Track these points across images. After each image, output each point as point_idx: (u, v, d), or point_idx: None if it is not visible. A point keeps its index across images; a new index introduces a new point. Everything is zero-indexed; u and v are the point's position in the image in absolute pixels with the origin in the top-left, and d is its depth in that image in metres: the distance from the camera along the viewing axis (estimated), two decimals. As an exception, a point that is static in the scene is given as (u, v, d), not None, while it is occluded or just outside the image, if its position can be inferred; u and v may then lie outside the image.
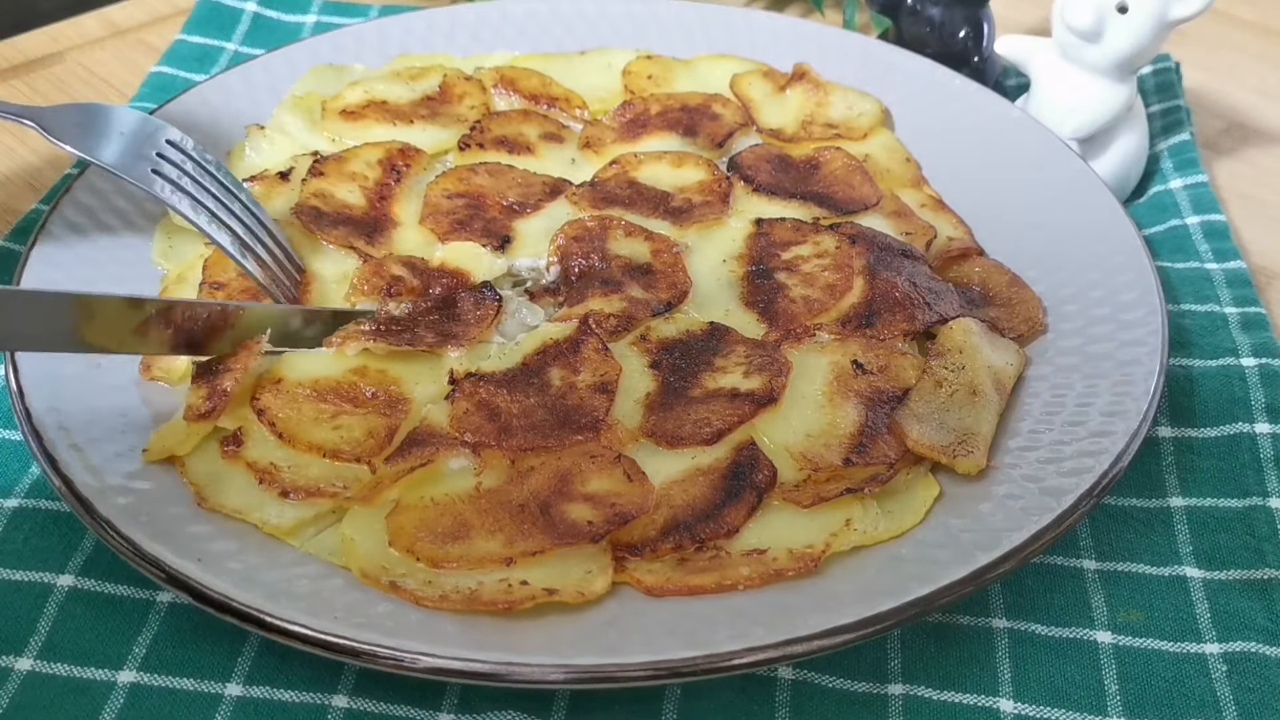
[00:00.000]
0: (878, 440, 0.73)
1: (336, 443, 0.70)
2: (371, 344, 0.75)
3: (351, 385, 0.73)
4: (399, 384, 0.74)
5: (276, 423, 0.71)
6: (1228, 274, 0.93)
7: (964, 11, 1.12)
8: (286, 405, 0.72)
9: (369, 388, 0.73)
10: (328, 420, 0.71)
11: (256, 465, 0.69)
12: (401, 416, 0.72)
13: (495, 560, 0.64)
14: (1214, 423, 0.82)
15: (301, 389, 0.73)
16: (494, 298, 0.80)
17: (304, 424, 0.71)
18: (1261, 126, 1.17)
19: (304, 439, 0.70)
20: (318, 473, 0.69)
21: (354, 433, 0.71)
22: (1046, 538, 0.66)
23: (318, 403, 0.72)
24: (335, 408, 0.72)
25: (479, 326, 0.78)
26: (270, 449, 0.70)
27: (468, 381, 0.74)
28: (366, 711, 0.64)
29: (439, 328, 0.78)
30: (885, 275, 0.82)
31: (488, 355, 0.77)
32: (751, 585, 0.65)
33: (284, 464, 0.69)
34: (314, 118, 0.98)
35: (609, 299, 0.81)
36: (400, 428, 0.71)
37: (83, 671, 0.65)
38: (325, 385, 0.73)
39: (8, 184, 1.02)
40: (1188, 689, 0.66)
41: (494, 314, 0.79)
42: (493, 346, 0.78)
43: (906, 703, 0.66)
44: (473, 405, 0.73)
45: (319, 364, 0.75)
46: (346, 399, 0.73)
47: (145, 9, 1.26)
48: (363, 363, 0.75)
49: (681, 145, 0.98)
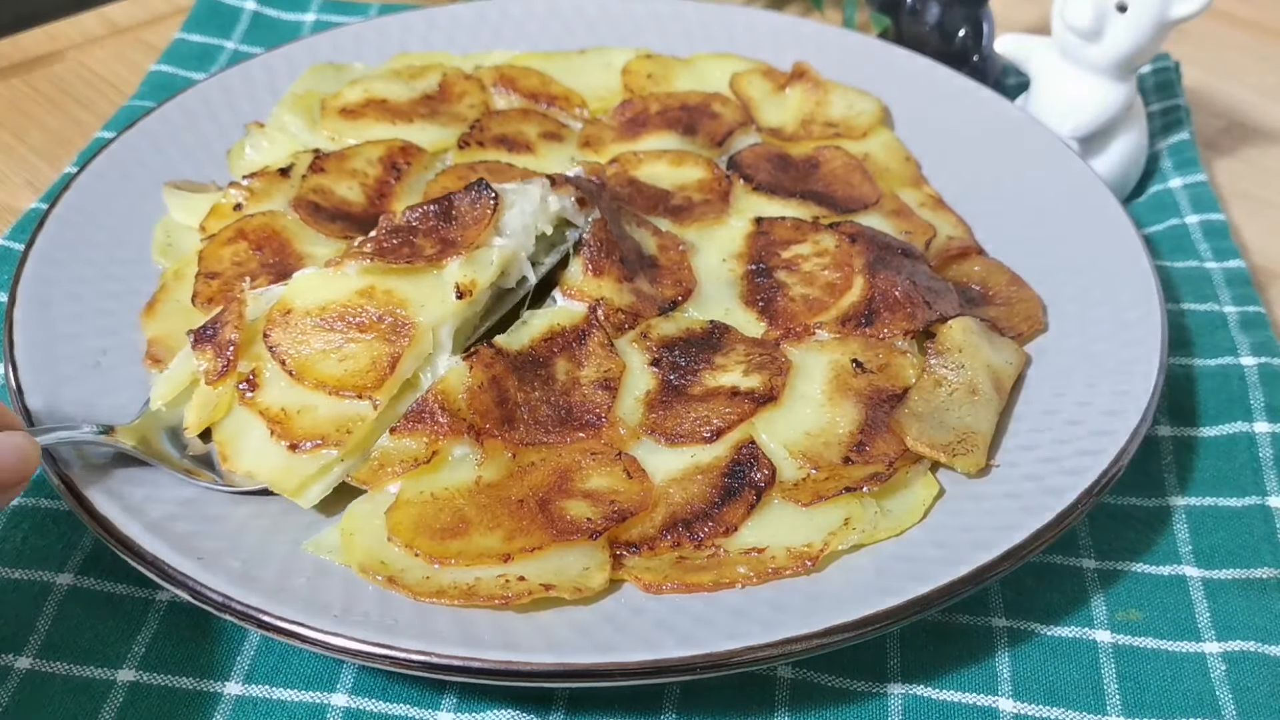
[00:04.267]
0: (877, 439, 0.73)
1: (341, 375, 0.70)
2: (371, 262, 0.74)
3: (359, 308, 0.73)
4: (405, 306, 0.73)
5: (287, 360, 0.71)
6: (1227, 273, 0.93)
7: (964, 10, 1.12)
8: (297, 340, 0.72)
9: (376, 310, 0.73)
10: (335, 352, 0.71)
11: (269, 412, 0.70)
12: (406, 343, 0.72)
13: (494, 556, 0.65)
14: (1213, 422, 0.82)
15: (310, 318, 0.72)
16: (490, 195, 0.78)
17: (313, 358, 0.71)
18: (1261, 126, 1.17)
19: (312, 374, 0.70)
20: (324, 415, 0.70)
21: (359, 363, 0.71)
22: (1046, 537, 0.66)
23: (326, 332, 0.72)
24: (343, 335, 0.72)
25: (478, 227, 0.77)
26: (282, 390, 0.71)
27: (486, 350, 0.74)
28: (366, 710, 0.64)
29: (438, 234, 0.77)
30: (885, 274, 0.82)
31: (490, 262, 0.76)
32: (750, 584, 0.65)
33: (294, 407, 0.70)
34: (314, 116, 0.98)
35: (620, 289, 0.80)
36: (404, 355, 0.71)
37: (82, 670, 0.65)
38: (333, 310, 0.73)
39: (7, 183, 1.02)
40: (1186, 688, 0.66)
41: (491, 212, 0.77)
42: (494, 252, 0.77)
43: (906, 702, 0.66)
44: (487, 380, 0.72)
45: (327, 287, 0.74)
46: (354, 324, 0.72)
47: (145, 7, 1.26)
48: (370, 282, 0.74)
49: (681, 144, 0.98)
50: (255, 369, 0.71)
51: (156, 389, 0.72)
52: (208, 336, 0.72)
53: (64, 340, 0.76)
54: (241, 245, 0.83)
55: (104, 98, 1.13)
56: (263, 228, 0.84)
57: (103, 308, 0.80)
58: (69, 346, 0.76)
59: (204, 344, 0.72)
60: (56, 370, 0.73)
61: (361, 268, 0.74)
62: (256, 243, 0.83)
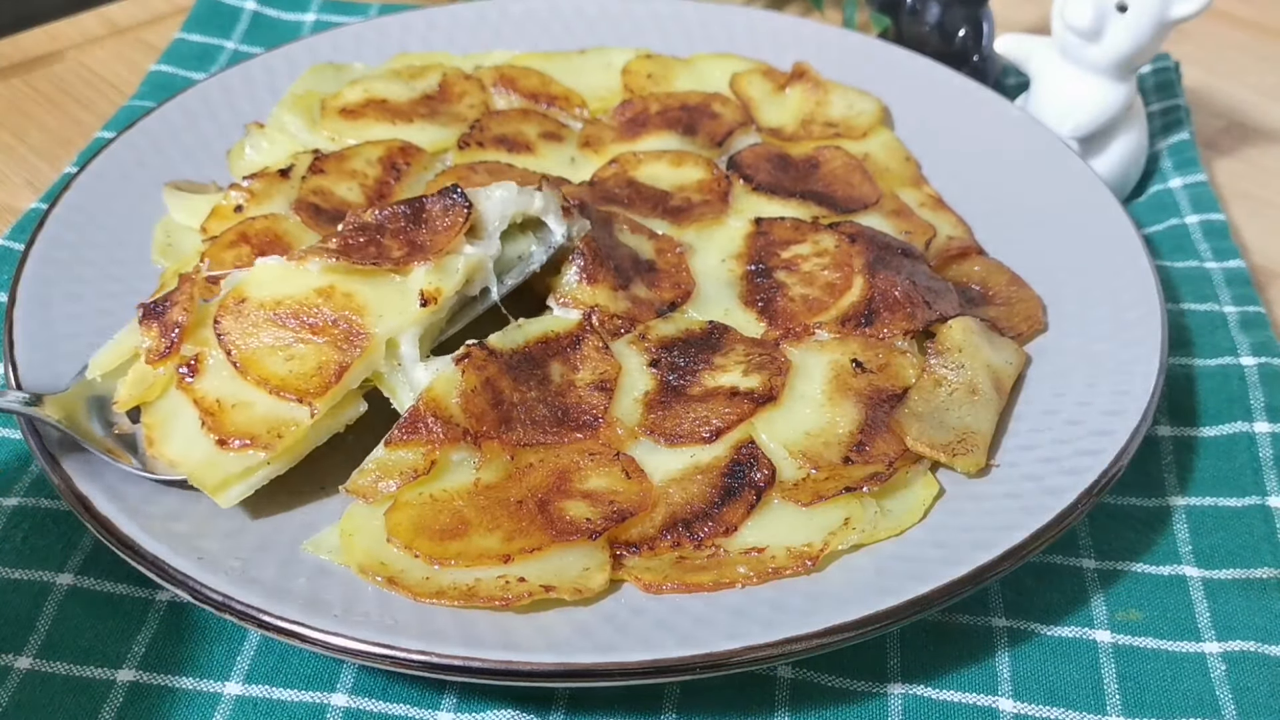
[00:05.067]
0: (877, 439, 0.73)
1: (285, 376, 0.68)
2: (335, 261, 0.72)
3: (315, 308, 0.70)
4: (363, 313, 0.71)
5: (234, 350, 0.69)
6: (1227, 273, 0.93)
7: (963, 10, 1.12)
8: (247, 331, 0.69)
9: (332, 312, 0.70)
10: (283, 349, 0.69)
11: (204, 402, 0.68)
12: (357, 353, 0.69)
13: (493, 557, 0.65)
14: (1213, 422, 0.82)
15: (264, 310, 0.70)
16: (463, 202, 0.76)
17: (260, 352, 0.69)
18: (1261, 126, 1.17)
19: (257, 368, 0.68)
20: (259, 414, 0.68)
21: (305, 365, 0.69)
22: (1046, 537, 0.66)
23: (278, 327, 0.70)
24: (294, 334, 0.70)
25: (448, 234, 0.75)
26: (222, 381, 0.69)
27: (478, 351, 0.73)
28: (366, 710, 0.64)
29: (407, 236, 0.75)
30: (885, 274, 0.82)
31: (456, 270, 0.74)
32: (750, 583, 0.65)
33: (230, 401, 0.68)
34: (313, 116, 0.98)
35: (615, 296, 0.80)
36: (353, 365, 0.69)
37: (82, 670, 0.65)
38: (288, 306, 0.70)
39: (7, 182, 1.02)
40: (1186, 688, 0.66)
41: (464, 220, 0.75)
42: (460, 260, 0.74)
43: (906, 702, 0.66)
44: (480, 383, 0.72)
45: (287, 280, 0.72)
46: (307, 324, 0.70)
47: (145, 7, 1.26)
48: (330, 281, 0.72)
49: (681, 144, 0.98)
50: (200, 354, 0.69)
51: (96, 358, 0.71)
52: (156, 313, 0.70)
53: (64, 340, 0.76)
54: (244, 249, 0.83)
55: (104, 98, 1.13)
56: (265, 231, 0.84)
57: (103, 308, 0.80)
58: (69, 346, 0.76)
59: (151, 320, 0.70)
60: (56, 370, 0.73)
61: (325, 266, 0.72)
62: (259, 246, 0.83)
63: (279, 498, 0.69)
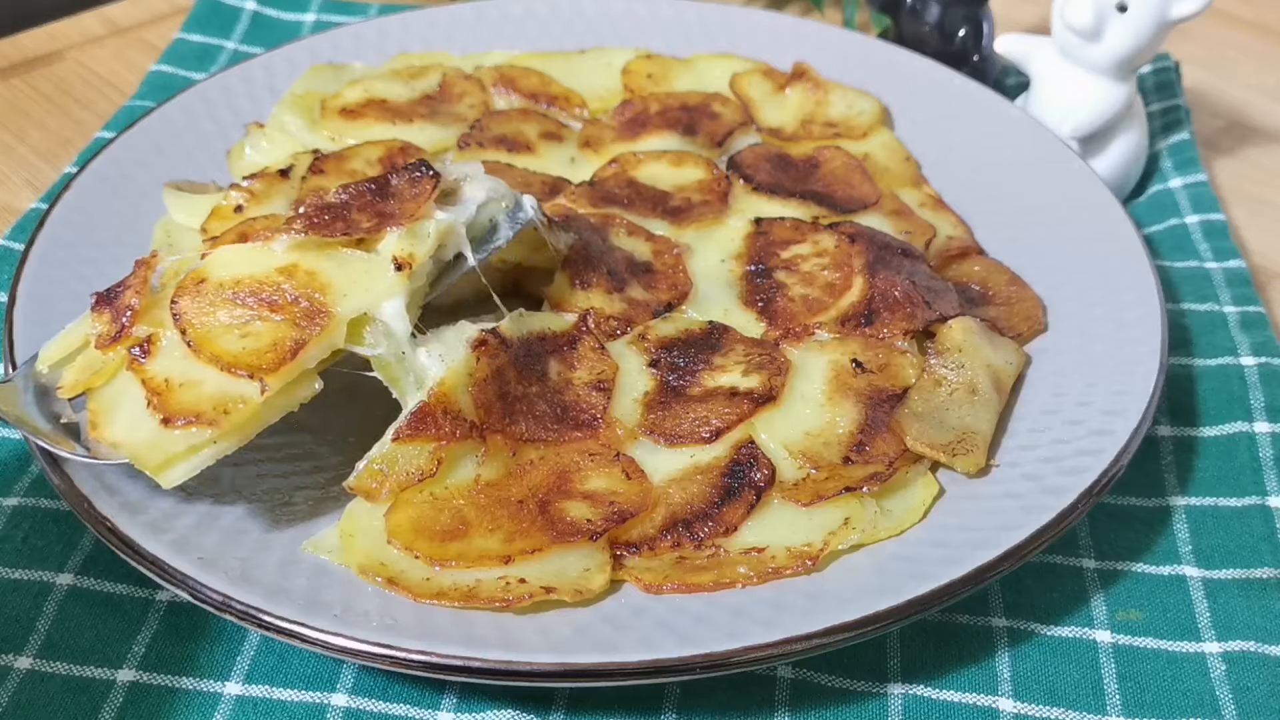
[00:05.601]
0: (877, 439, 0.73)
1: (238, 352, 0.66)
2: (303, 237, 0.70)
3: (276, 286, 0.68)
4: (326, 291, 0.69)
5: (189, 329, 0.67)
6: (1227, 273, 0.93)
7: (963, 10, 1.12)
8: (204, 310, 0.68)
9: (294, 290, 0.68)
10: (240, 327, 0.67)
11: (152, 381, 0.66)
12: (315, 330, 0.67)
13: (494, 558, 0.64)
14: (1213, 422, 0.82)
15: (223, 290, 0.68)
16: (430, 174, 0.74)
17: (216, 331, 0.67)
18: (1261, 126, 1.17)
19: (210, 346, 0.66)
20: (207, 392, 0.66)
21: (260, 342, 0.66)
22: (1046, 537, 0.66)
23: (236, 306, 0.68)
24: (253, 312, 0.68)
25: (416, 202, 0.73)
26: (174, 361, 0.67)
27: (493, 339, 0.72)
28: (366, 710, 0.64)
29: (374, 208, 0.73)
30: (885, 274, 0.82)
31: (427, 235, 0.72)
32: (750, 583, 0.65)
33: (179, 380, 0.66)
34: (313, 116, 0.98)
35: (610, 298, 0.81)
36: (310, 343, 0.67)
37: (82, 670, 0.65)
38: (247, 285, 0.68)
39: (7, 182, 1.02)
40: (1186, 688, 0.66)
41: (431, 189, 0.73)
42: (431, 225, 0.72)
43: (906, 702, 0.66)
44: (492, 372, 0.72)
45: (249, 261, 0.70)
46: (266, 302, 0.68)
47: (145, 7, 1.26)
48: (295, 260, 0.70)
49: (681, 144, 0.98)
50: (153, 335, 0.67)
51: (46, 350, 0.70)
52: (108, 299, 0.69)
53: (64, 340, 0.76)
54: (243, 248, 0.83)
55: (104, 98, 1.13)
56: (265, 231, 0.84)
57: (103, 308, 0.79)
58: (69, 346, 0.75)
59: (103, 306, 0.69)
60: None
61: (292, 243, 0.70)
62: (258, 245, 0.83)
63: (277, 499, 0.69)
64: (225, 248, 0.71)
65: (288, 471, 0.72)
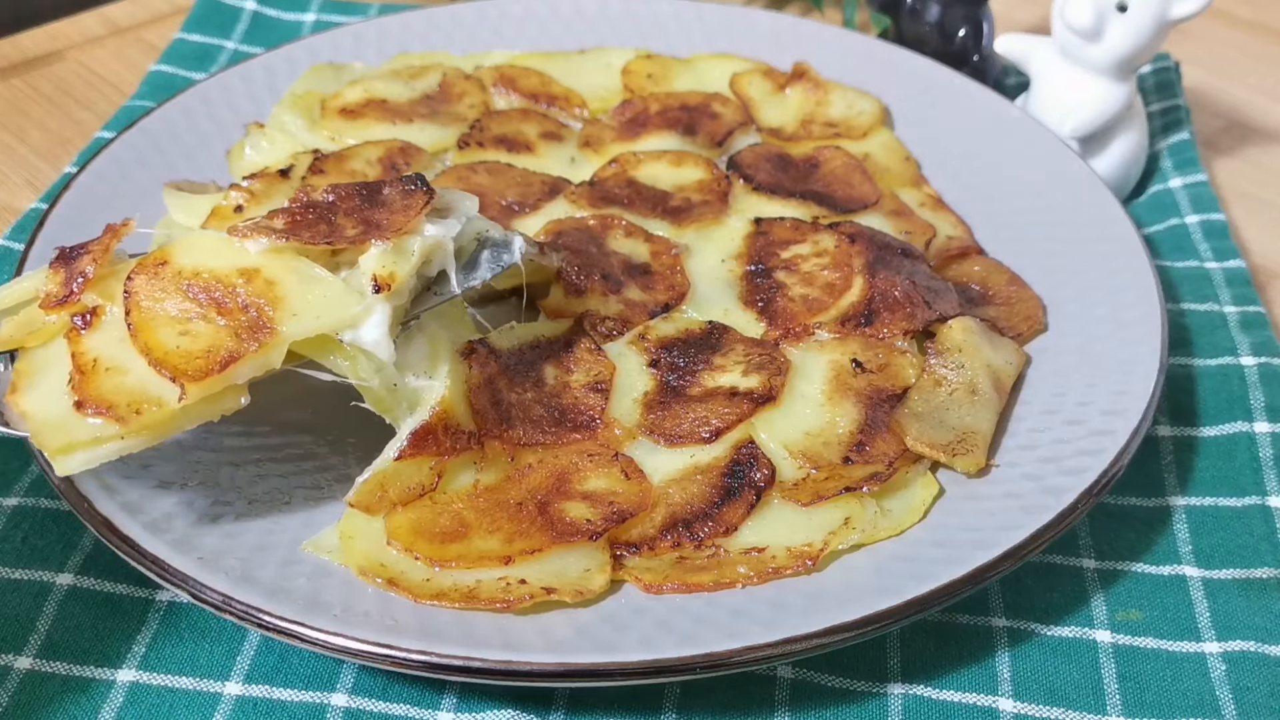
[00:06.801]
0: (877, 439, 0.73)
1: (169, 350, 0.63)
2: (284, 241, 0.67)
3: (231, 287, 0.65)
4: (277, 306, 0.65)
5: (133, 310, 0.64)
6: (1227, 273, 0.93)
7: (964, 10, 1.12)
8: (155, 294, 0.65)
9: (246, 297, 0.65)
10: (182, 323, 0.64)
11: (81, 358, 0.63)
12: (253, 348, 0.63)
13: (494, 559, 0.64)
14: (1213, 422, 0.82)
15: (180, 278, 0.65)
16: (424, 188, 0.72)
17: (158, 319, 0.64)
18: (1261, 126, 1.17)
19: (147, 333, 0.63)
20: (127, 384, 0.63)
21: (195, 345, 0.63)
22: (1046, 537, 0.66)
23: (185, 299, 0.65)
24: (199, 309, 0.65)
25: (406, 215, 0.70)
26: (110, 341, 0.64)
27: (482, 348, 0.73)
28: (366, 710, 0.64)
29: (362, 215, 0.70)
30: (885, 274, 0.82)
31: (412, 253, 0.69)
32: (750, 583, 0.65)
33: (106, 363, 0.63)
34: (313, 116, 0.98)
35: (605, 300, 0.81)
36: (244, 359, 0.63)
37: (82, 670, 0.65)
38: (205, 279, 0.65)
39: (7, 182, 1.02)
40: (1186, 688, 0.66)
41: (424, 204, 0.71)
42: (417, 241, 0.69)
43: (906, 702, 0.66)
44: (483, 380, 0.72)
45: (216, 253, 0.67)
46: (215, 303, 0.65)
47: (145, 7, 1.26)
48: (260, 264, 0.67)
49: (681, 144, 0.98)
50: (99, 307, 0.65)
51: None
52: (67, 259, 0.67)
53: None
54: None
55: (104, 98, 1.13)
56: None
57: (102, 308, 0.79)
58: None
59: (61, 265, 0.66)
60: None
61: (271, 246, 0.67)
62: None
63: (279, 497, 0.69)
64: (200, 232, 0.70)
65: (288, 471, 0.72)
